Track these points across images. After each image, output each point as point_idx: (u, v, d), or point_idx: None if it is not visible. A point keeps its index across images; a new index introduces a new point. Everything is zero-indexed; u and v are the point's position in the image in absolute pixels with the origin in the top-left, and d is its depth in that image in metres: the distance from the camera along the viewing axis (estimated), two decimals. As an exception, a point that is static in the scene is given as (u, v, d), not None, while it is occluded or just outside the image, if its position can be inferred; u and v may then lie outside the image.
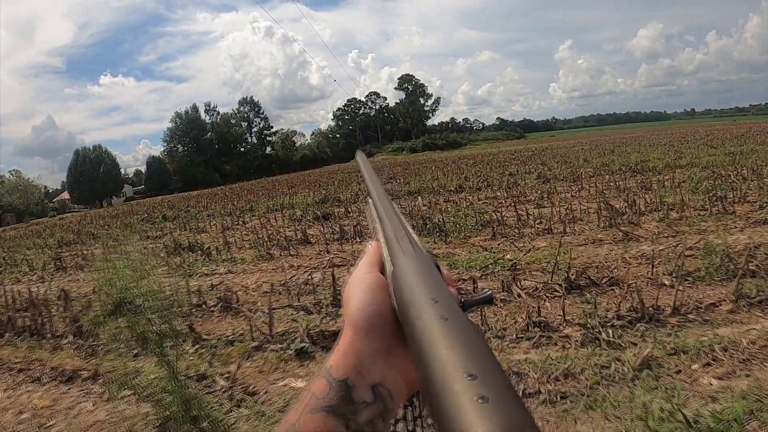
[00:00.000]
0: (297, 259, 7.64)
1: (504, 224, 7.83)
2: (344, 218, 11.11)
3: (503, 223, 7.87)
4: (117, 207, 42.10)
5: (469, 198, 12.02)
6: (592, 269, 5.46)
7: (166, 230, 13.86)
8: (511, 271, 5.59)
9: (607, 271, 5.14)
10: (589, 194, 11.28)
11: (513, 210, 9.67)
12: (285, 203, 15.89)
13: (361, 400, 0.44)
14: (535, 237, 7.28)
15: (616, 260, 5.85)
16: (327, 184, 24.44)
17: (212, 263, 8.27)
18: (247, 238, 9.63)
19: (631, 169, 15.47)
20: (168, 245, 10.15)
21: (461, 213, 9.48)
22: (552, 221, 8.10)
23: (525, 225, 8.01)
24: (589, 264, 5.68)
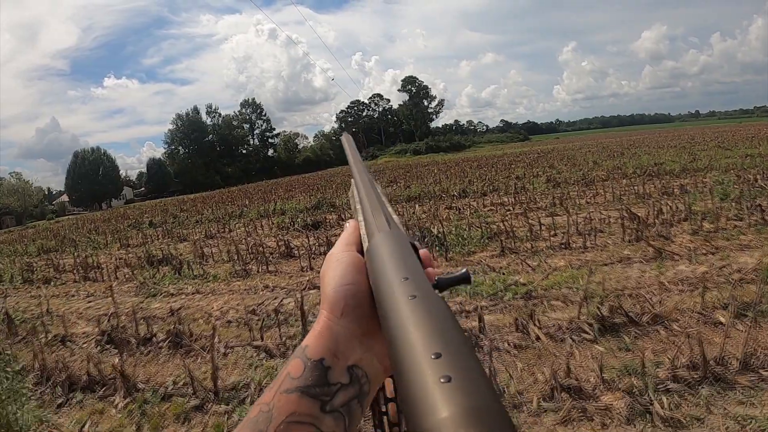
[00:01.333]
0: (275, 276, 6.65)
1: (514, 236, 6.80)
2: (335, 227, 10.12)
3: (513, 236, 6.83)
4: (115, 210, 41.25)
5: (474, 204, 11.00)
6: (625, 298, 4.45)
7: (149, 238, 12.90)
8: (525, 300, 4.58)
9: (648, 304, 4.09)
10: (606, 200, 10.25)
11: (523, 219, 8.67)
12: (277, 208, 14.90)
13: (337, 381, 0.43)
14: (551, 253, 6.27)
15: (652, 285, 4.84)
16: (324, 187, 23.46)
17: (182, 279, 7.30)
18: (227, 249, 8.63)
19: (647, 173, 14.42)
20: (142, 257, 9.19)
21: (464, 222, 8.47)
22: (569, 233, 7.10)
23: (537, 237, 7.00)
24: (620, 291, 4.67)
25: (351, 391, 0.43)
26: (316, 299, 5.31)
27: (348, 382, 0.43)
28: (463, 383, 0.25)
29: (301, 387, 0.42)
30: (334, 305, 0.46)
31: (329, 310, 0.46)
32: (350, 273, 0.47)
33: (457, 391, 0.24)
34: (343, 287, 0.46)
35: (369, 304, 0.45)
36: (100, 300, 7.31)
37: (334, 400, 0.42)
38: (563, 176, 15.36)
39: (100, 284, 8.33)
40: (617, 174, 14.89)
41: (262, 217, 13.68)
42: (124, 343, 4.81)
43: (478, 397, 0.24)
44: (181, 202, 31.91)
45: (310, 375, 0.42)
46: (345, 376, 0.43)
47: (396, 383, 0.30)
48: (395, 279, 0.37)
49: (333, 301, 0.46)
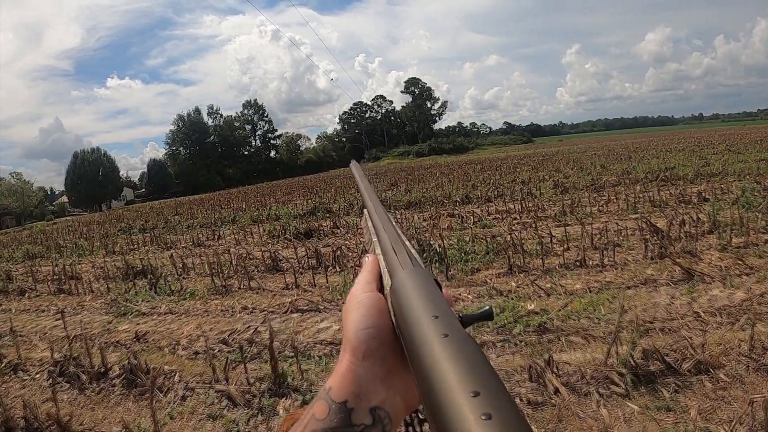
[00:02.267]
0: (257, 295, 6.00)
1: (523, 251, 6.12)
2: (329, 236, 9.46)
3: (522, 250, 6.15)
4: (112, 212, 40.70)
5: (477, 211, 10.33)
6: (657, 334, 3.79)
7: (135, 244, 12.27)
8: (538, 335, 3.92)
9: (688, 345, 3.41)
10: (619, 208, 9.58)
11: (532, 229, 8.01)
12: (271, 213, 14.24)
13: (360, 422, 0.43)
14: (564, 272, 5.60)
15: (686, 316, 4.18)
16: (323, 190, 22.80)
17: (158, 296, 6.67)
18: (212, 261, 7.98)
19: (659, 178, 13.72)
20: (121, 268, 8.55)
21: (468, 233, 7.81)
22: (583, 247, 6.44)
23: (549, 252, 6.34)
24: (650, 323, 4.01)
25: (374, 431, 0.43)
26: (297, 326, 4.67)
27: (371, 423, 0.43)
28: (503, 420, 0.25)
29: (326, 429, 0.42)
30: (356, 349, 0.46)
31: (351, 353, 0.46)
32: (371, 315, 0.48)
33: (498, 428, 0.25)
34: (365, 331, 0.47)
35: (391, 345, 0.46)
36: (69, 317, 6.68)
37: None
38: (571, 181, 14.68)
39: (74, 298, 7.70)
40: (627, 179, 14.20)
41: (256, 223, 13.03)
42: (74, 379, 4.18)
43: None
44: (178, 204, 31.30)
45: (335, 417, 0.43)
46: (368, 418, 0.43)
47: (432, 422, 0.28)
48: (425, 318, 0.37)
49: (355, 344, 0.46)
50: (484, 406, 0.26)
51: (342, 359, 0.47)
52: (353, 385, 0.45)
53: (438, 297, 0.41)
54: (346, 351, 0.47)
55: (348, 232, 9.49)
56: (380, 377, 0.45)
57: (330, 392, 0.45)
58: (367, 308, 0.49)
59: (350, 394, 0.44)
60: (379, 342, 0.46)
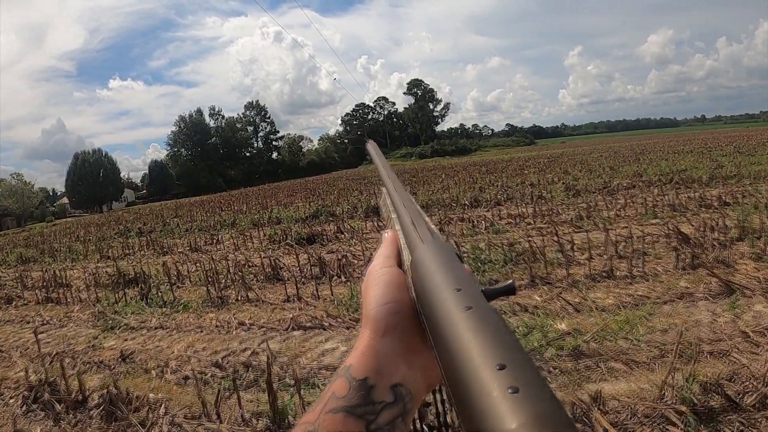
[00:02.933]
0: (255, 308, 5.52)
1: (545, 261, 5.63)
2: (333, 241, 8.99)
3: (544, 260, 5.66)
4: (112, 214, 40.28)
5: (488, 216, 9.86)
6: (706, 360, 3.32)
7: (131, 249, 11.82)
8: (574, 360, 3.44)
9: (749, 377, 2.94)
10: (637, 213, 9.10)
11: (550, 235, 7.54)
12: (272, 217, 13.77)
13: (381, 400, 0.42)
14: (591, 284, 5.12)
15: (734, 336, 3.71)
16: (326, 192, 22.34)
17: (149, 307, 6.21)
18: (208, 268, 7.51)
19: (673, 181, 13.24)
20: (112, 275, 8.10)
21: (481, 239, 7.34)
22: (607, 255, 5.98)
23: (571, 261, 5.86)
24: (696, 344, 3.53)
25: (395, 409, 0.42)
26: (299, 346, 4.20)
27: (392, 401, 0.42)
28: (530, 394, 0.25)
29: (347, 407, 0.41)
30: (376, 325, 0.45)
31: (371, 330, 0.46)
32: (391, 291, 0.47)
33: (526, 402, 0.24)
34: (385, 306, 0.46)
35: (411, 321, 0.45)
36: (53, 330, 6.24)
37: (379, 418, 0.41)
38: (582, 183, 14.20)
39: (61, 308, 7.26)
40: (640, 182, 13.72)
41: (256, 226, 12.57)
42: (49, 407, 3.72)
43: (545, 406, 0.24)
44: (178, 206, 30.89)
45: (354, 395, 0.42)
46: (389, 395, 0.43)
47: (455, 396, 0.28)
48: (447, 291, 0.36)
49: (375, 320, 0.46)
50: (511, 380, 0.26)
51: (362, 336, 0.46)
52: (374, 361, 0.44)
53: (460, 270, 0.40)
54: (366, 327, 0.46)
55: (353, 237, 9.01)
56: (401, 354, 0.44)
57: (350, 370, 0.43)
58: (387, 284, 0.48)
59: (371, 371, 0.43)
60: (400, 318, 0.45)
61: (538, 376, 0.26)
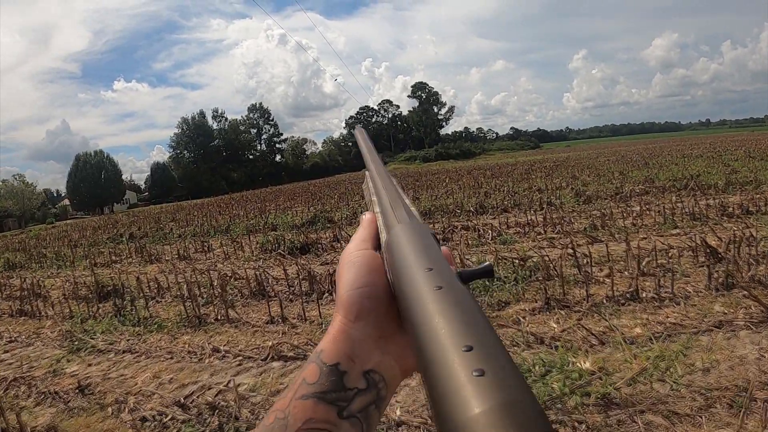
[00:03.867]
0: (234, 329, 4.93)
1: (562, 279, 5.00)
2: (329, 250, 8.39)
3: (561, 278, 5.03)
4: (112, 216, 39.80)
5: (494, 223, 9.26)
6: (759, 410, 2.72)
7: (119, 255, 11.27)
8: (603, 411, 2.83)
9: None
10: (655, 222, 8.48)
11: (560, 246, 6.94)
12: (269, 222, 13.19)
13: (354, 386, 0.41)
14: (615, 308, 4.51)
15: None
16: (327, 197, 21.77)
17: (122, 326, 5.64)
18: (191, 280, 6.93)
19: (688, 187, 12.59)
20: (91, 286, 7.53)
21: (487, 251, 6.74)
22: (629, 271, 5.38)
23: (589, 279, 5.25)
24: (744, 391, 2.93)
25: (368, 396, 0.41)
26: (276, 381, 3.60)
27: (365, 387, 0.41)
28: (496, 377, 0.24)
29: (318, 393, 0.40)
30: (349, 309, 0.44)
31: (344, 314, 0.44)
32: (364, 275, 0.46)
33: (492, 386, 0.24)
34: (357, 290, 0.45)
35: (385, 305, 0.44)
36: (19, 350, 5.68)
37: (351, 405, 0.40)
38: (592, 189, 13.56)
39: (34, 323, 6.71)
40: (653, 187, 13.08)
41: (251, 233, 12.00)
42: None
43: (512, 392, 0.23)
44: (178, 209, 30.38)
45: (326, 380, 0.41)
46: (362, 381, 0.42)
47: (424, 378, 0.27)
48: (418, 270, 0.36)
49: (347, 305, 0.44)
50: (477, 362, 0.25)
51: (334, 320, 0.45)
52: (346, 347, 0.43)
53: (433, 249, 0.40)
54: (338, 312, 0.45)
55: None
56: (374, 339, 0.43)
57: (321, 355, 0.42)
58: (360, 266, 0.46)
59: (343, 356, 0.42)
60: (373, 302, 0.44)
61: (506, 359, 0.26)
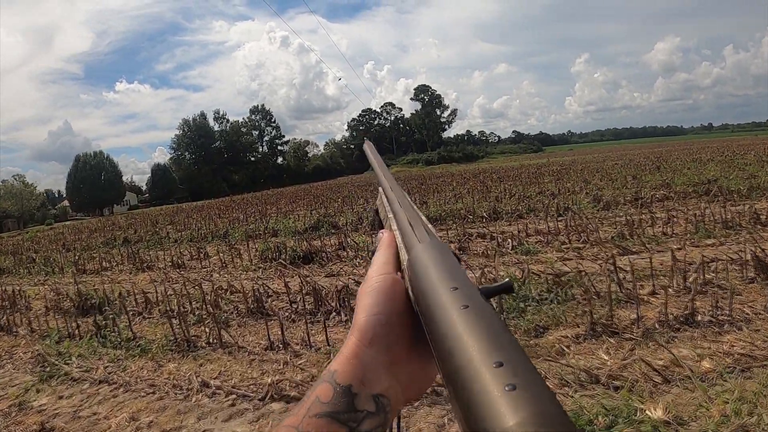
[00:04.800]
0: (228, 357, 4.27)
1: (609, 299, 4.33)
2: (334, 260, 7.73)
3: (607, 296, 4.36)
4: (110, 218, 39.15)
5: (511, 230, 8.61)
6: None
7: (111, 262, 10.63)
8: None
9: None
10: (686, 230, 7.83)
11: (589, 258, 6.30)
12: (269, 227, 12.54)
13: (364, 408, 0.42)
14: (671, 334, 3.86)
15: None
16: (330, 200, 21.09)
17: (103, 347, 5.00)
18: (180, 294, 6.26)
19: (710, 192, 11.92)
20: (74, 299, 6.88)
21: (512, 264, 6.08)
22: (673, 288, 4.73)
23: (632, 297, 4.59)
24: None
25: (377, 419, 0.42)
26: None
27: (374, 411, 0.42)
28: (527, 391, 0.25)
29: (331, 412, 0.41)
30: (364, 333, 0.45)
31: (358, 338, 0.45)
32: (382, 301, 0.47)
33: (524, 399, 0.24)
34: (374, 316, 0.46)
35: (399, 333, 0.45)
36: (-13, 374, 5.04)
37: (361, 427, 0.41)
38: (608, 194, 12.89)
39: (9, 339, 6.07)
40: (674, 193, 12.41)
41: (251, 238, 11.35)
42: None
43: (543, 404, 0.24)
44: (177, 211, 29.73)
45: (339, 401, 0.41)
46: (371, 404, 0.42)
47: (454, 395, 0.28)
48: (444, 289, 0.36)
49: (363, 329, 0.45)
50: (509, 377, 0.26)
51: (348, 341, 0.46)
52: (358, 370, 0.43)
53: (456, 268, 0.40)
54: (353, 334, 0.46)
55: (357, 255, 7.74)
56: (385, 365, 0.44)
57: (335, 375, 0.43)
58: (380, 292, 0.47)
59: (355, 378, 0.43)
60: (389, 329, 0.45)
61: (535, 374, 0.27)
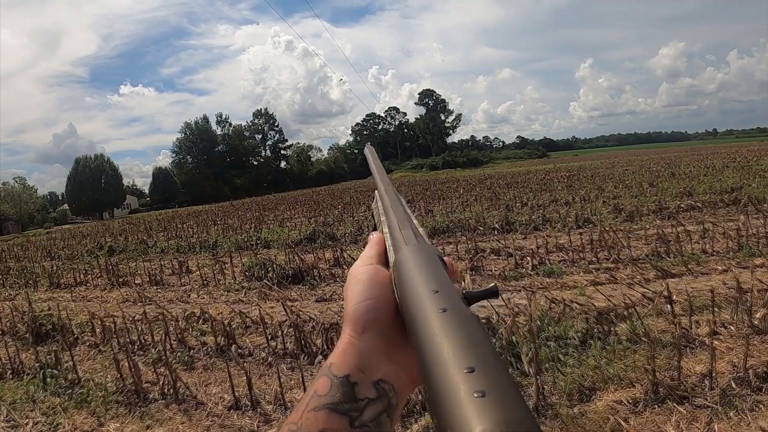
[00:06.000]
0: (183, 417, 3.35)
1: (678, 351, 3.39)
2: (327, 279, 6.80)
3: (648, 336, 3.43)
4: (108, 222, 38.39)
5: (527, 245, 7.68)
6: None
7: (89, 275, 9.73)
8: None
9: None
10: (727, 247, 6.90)
11: (619, 278, 5.39)
12: (262, 237, 11.62)
13: (365, 396, 0.42)
14: (749, 395, 2.92)
15: None
16: (330, 206, 20.19)
17: (42, 391, 4.10)
18: (152, 318, 5.34)
19: (740, 202, 10.96)
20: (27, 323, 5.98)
21: (533, 287, 5.15)
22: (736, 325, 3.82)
23: (689, 342, 3.66)
24: None
25: (379, 405, 0.42)
26: None
27: (375, 397, 0.42)
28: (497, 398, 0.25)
29: (329, 404, 0.41)
30: (356, 322, 0.45)
31: (351, 327, 0.46)
32: (369, 287, 0.47)
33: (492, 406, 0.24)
34: (363, 303, 0.46)
35: (392, 317, 0.45)
36: None
37: (363, 415, 0.41)
38: (627, 203, 11.92)
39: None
40: (700, 202, 11.46)
41: (242, 249, 10.45)
42: None
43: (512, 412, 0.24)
44: (174, 216, 28.86)
45: (337, 392, 0.42)
46: (372, 391, 0.42)
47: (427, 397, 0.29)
48: (425, 292, 0.36)
49: (353, 318, 0.46)
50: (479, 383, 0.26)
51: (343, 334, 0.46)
52: (355, 358, 0.43)
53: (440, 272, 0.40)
54: (346, 326, 0.46)
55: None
56: (382, 350, 0.44)
57: (331, 368, 0.43)
58: (365, 280, 0.48)
59: (352, 368, 0.43)
60: (379, 314, 0.45)
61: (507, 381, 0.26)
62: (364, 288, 0.47)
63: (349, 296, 0.48)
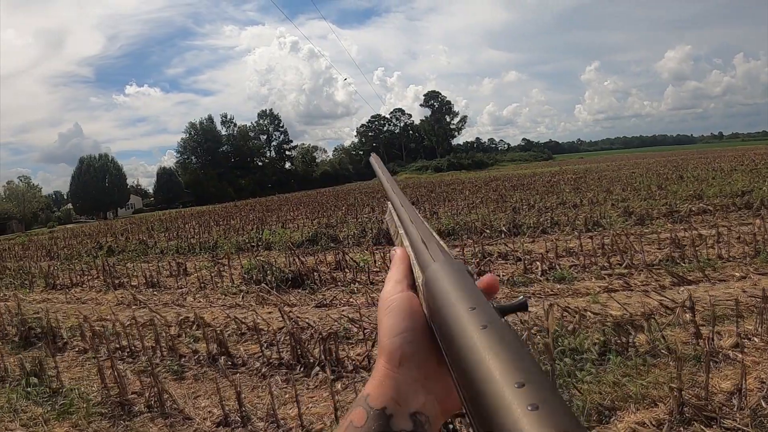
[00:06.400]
0: (170, 430, 3.15)
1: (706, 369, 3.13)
2: (329, 284, 6.56)
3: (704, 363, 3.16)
4: (111, 222, 38.31)
5: (536, 249, 7.42)
6: None
7: (85, 275, 9.54)
8: None
9: None
10: (743, 252, 6.63)
11: (633, 285, 5.13)
12: (263, 238, 11.39)
13: (400, 428, 0.42)
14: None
15: None
16: (334, 207, 19.95)
17: (25, 400, 3.88)
18: (144, 323, 5.11)
19: (753, 206, 10.66)
20: (19, 327, 5.77)
21: (548, 297, 4.89)
22: (763, 338, 3.56)
23: (713, 355, 3.41)
24: None
25: None
26: None
27: (411, 429, 0.42)
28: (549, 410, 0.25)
29: None
30: (391, 356, 0.45)
31: (387, 359, 0.45)
32: (403, 320, 0.46)
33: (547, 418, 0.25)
34: (399, 336, 0.45)
35: (427, 347, 0.45)
36: None
37: None
38: (637, 206, 11.64)
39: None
40: (712, 205, 11.15)
41: (241, 251, 10.23)
42: None
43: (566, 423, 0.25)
44: (177, 216, 28.72)
45: (373, 424, 0.41)
46: (408, 423, 0.42)
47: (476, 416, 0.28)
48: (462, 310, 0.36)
49: (390, 351, 0.45)
50: (531, 397, 0.26)
51: (378, 365, 0.46)
52: (392, 390, 0.43)
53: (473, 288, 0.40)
54: (381, 357, 0.46)
55: (355, 279, 6.56)
56: (419, 382, 0.44)
57: (368, 399, 0.43)
58: (399, 311, 0.47)
59: (389, 400, 0.43)
60: (415, 347, 0.44)
61: (556, 394, 0.27)
62: (399, 320, 0.46)
63: (384, 328, 0.47)
